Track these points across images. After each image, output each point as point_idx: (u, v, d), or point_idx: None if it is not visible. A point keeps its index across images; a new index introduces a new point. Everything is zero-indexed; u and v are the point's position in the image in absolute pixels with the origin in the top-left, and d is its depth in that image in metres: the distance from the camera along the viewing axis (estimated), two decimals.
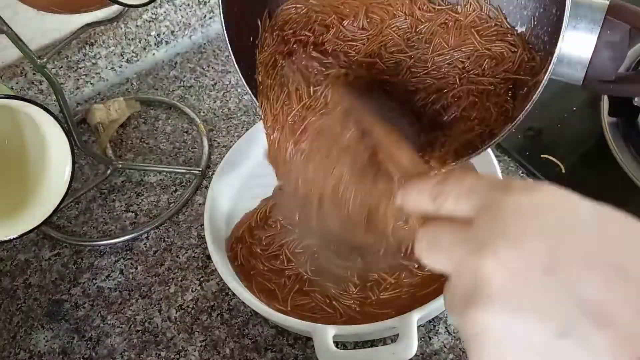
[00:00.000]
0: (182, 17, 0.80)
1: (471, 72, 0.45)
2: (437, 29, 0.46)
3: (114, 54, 0.77)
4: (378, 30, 0.47)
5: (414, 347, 0.43)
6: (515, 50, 0.44)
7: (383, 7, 0.47)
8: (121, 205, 0.66)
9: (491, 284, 0.23)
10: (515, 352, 0.23)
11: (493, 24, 0.46)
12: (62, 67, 0.74)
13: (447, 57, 0.45)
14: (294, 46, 0.46)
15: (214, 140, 0.70)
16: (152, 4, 0.54)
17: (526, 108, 0.40)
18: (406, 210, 0.31)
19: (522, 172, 0.59)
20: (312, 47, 0.46)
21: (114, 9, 0.60)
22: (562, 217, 0.24)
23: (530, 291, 0.23)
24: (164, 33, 0.80)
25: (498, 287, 0.23)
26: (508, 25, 0.45)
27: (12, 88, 0.71)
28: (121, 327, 0.56)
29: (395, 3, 0.47)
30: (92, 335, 0.56)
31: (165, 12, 0.78)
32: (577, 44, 0.42)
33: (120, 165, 0.67)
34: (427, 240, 0.28)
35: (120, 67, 0.79)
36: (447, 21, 0.46)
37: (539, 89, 0.39)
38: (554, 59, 0.38)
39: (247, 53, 0.47)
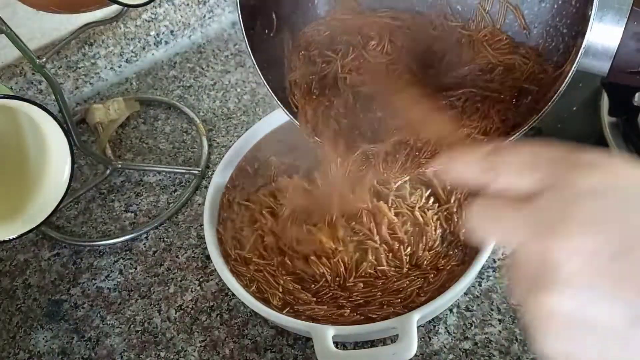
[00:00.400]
0: (181, 17, 0.80)
1: (480, 78, 0.45)
2: (450, 47, 0.46)
3: (113, 54, 0.77)
4: (396, 56, 0.47)
5: (413, 348, 0.43)
6: (527, 62, 0.44)
7: (403, 32, 0.48)
8: (120, 206, 0.66)
9: (563, 268, 0.22)
10: (586, 337, 0.22)
11: (505, 38, 0.46)
12: (61, 67, 0.74)
13: (461, 72, 0.46)
14: (324, 66, 0.47)
15: (214, 140, 0.70)
16: (152, 3, 0.54)
17: (553, 99, 0.40)
18: (447, 180, 0.29)
19: None
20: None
21: (113, 8, 0.60)
22: (635, 198, 0.23)
23: (604, 276, 0.22)
24: (163, 33, 0.80)
25: (570, 272, 0.22)
26: (524, 24, 0.45)
27: (11, 88, 0.71)
28: (120, 328, 0.56)
29: (414, 26, 0.47)
30: (91, 335, 0.56)
31: (164, 12, 0.78)
32: (603, 36, 0.42)
33: (120, 165, 0.67)
34: (487, 215, 0.26)
35: (119, 67, 0.79)
36: (460, 38, 0.46)
37: (567, 79, 0.39)
38: (581, 51, 0.38)
39: (263, 46, 0.47)
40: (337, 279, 0.50)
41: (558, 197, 0.24)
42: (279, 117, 0.62)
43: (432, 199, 0.52)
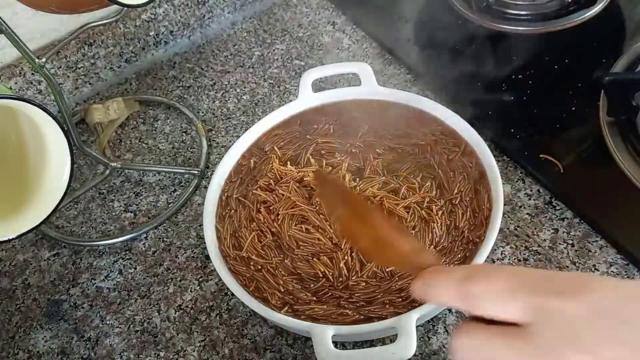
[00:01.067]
0: (180, 17, 0.80)
1: None
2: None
3: (113, 54, 0.77)
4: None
5: (413, 347, 0.43)
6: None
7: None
8: (120, 206, 0.66)
9: None
10: None
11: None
12: (60, 67, 0.74)
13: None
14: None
15: (213, 141, 0.70)
16: (151, 4, 0.54)
17: None
18: (425, 301, 0.29)
19: (520, 172, 0.60)
20: None
21: (113, 9, 0.60)
22: (623, 315, 0.23)
23: None
24: (162, 33, 0.80)
25: None
26: None
27: (11, 88, 0.71)
28: (120, 327, 0.56)
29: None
30: (91, 335, 0.56)
31: (164, 12, 0.78)
32: None
33: (119, 166, 0.67)
34: (474, 349, 0.25)
35: (119, 67, 0.79)
36: None
37: None
38: None
39: None
40: (340, 278, 0.50)
41: (550, 326, 0.23)
42: (277, 116, 0.62)
43: (438, 191, 0.54)
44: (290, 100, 0.63)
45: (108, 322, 0.56)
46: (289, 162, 0.58)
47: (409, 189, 0.54)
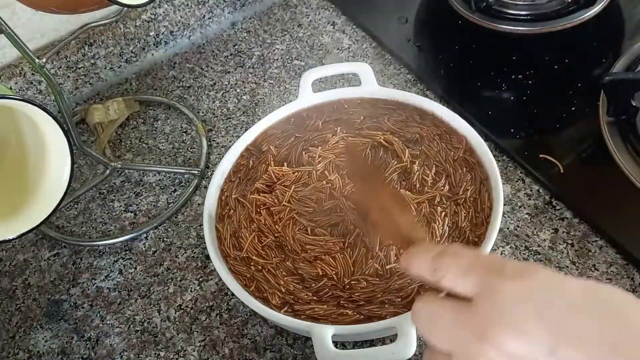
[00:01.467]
0: (181, 17, 0.80)
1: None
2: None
3: (113, 54, 0.77)
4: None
5: (413, 347, 0.43)
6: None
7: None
8: (120, 206, 0.66)
9: None
10: None
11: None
12: (61, 67, 0.74)
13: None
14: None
15: (213, 141, 0.70)
16: (151, 4, 0.54)
17: None
18: (408, 274, 0.34)
19: (520, 172, 0.60)
20: None
21: (113, 9, 0.60)
22: (556, 300, 0.26)
23: None
24: (163, 33, 0.80)
25: None
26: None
27: (11, 88, 0.71)
28: (120, 327, 0.56)
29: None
30: (91, 335, 0.56)
31: (164, 12, 0.78)
32: None
33: (119, 166, 0.67)
34: (426, 316, 0.29)
35: (119, 67, 0.79)
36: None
37: None
38: None
39: None
40: (345, 277, 0.50)
41: (489, 304, 0.26)
42: (277, 116, 0.62)
43: (448, 186, 0.53)
44: (290, 100, 0.63)
45: (108, 322, 0.56)
46: (285, 162, 0.58)
47: (423, 181, 0.54)
